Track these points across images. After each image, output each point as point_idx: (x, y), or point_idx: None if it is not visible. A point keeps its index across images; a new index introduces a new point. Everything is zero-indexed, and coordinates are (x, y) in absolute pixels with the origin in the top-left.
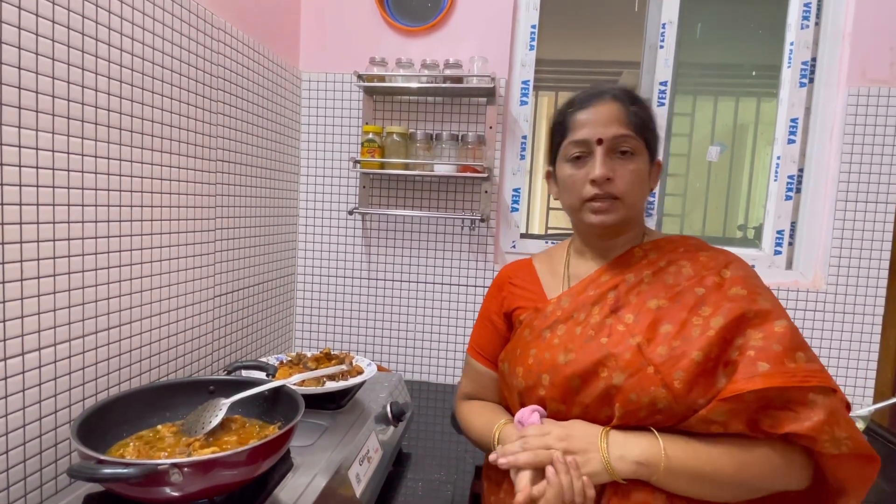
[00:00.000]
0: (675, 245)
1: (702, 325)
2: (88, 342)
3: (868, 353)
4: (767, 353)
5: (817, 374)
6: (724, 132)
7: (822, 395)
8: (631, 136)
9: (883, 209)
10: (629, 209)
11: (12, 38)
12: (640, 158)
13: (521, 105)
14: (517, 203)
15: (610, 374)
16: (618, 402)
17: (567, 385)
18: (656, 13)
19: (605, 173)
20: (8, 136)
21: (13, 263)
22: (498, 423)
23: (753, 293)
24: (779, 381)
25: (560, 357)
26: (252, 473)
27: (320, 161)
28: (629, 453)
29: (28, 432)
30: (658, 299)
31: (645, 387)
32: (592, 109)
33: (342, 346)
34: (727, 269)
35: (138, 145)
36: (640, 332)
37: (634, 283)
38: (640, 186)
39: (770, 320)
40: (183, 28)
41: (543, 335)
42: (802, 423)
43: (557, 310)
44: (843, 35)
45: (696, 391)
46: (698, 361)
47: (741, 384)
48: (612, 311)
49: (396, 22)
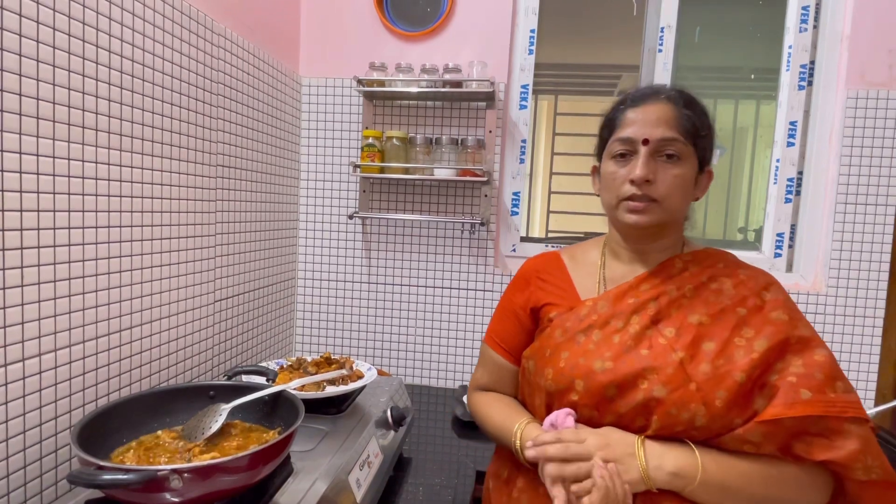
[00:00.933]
0: (715, 259)
1: (745, 347)
2: (89, 347)
3: (869, 356)
4: (809, 382)
5: (854, 406)
6: (723, 135)
7: (856, 425)
8: (678, 140)
9: (882, 211)
10: (667, 213)
11: (13, 46)
12: (686, 164)
13: (521, 109)
14: (517, 207)
15: (650, 386)
16: (656, 415)
17: (602, 393)
18: (655, 17)
19: (646, 174)
20: (9, 143)
21: (14, 269)
22: (520, 422)
23: (795, 319)
24: (819, 410)
25: (596, 364)
26: (252, 479)
27: (320, 166)
28: (666, 463)
29: (28, 438)
30: (699, 315)
31: (686, 403)
32: (643, 108)
33: (342, 350)
34: (767, 292)
35: (139, 151)
36: (682, 348)
37: (676, 297)
38: (681, 192)
39: (811, 348)
40: (183, 34)
41: (577, 339)
42: (838, 451)
43: (593, 314)
44: (841, 38)
45: (735, 411)
46: (741, 383)
47: (782, 409)
48: (653, 322)
49: (396, 27)
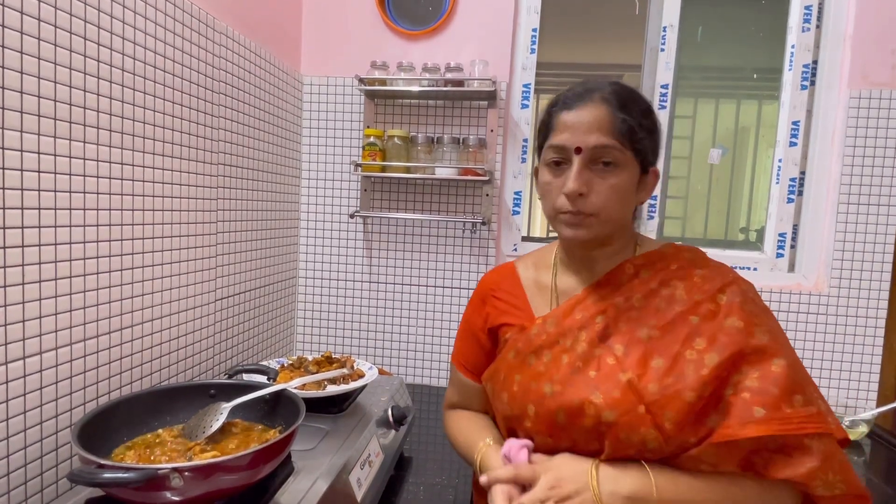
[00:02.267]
0: (668, 261)
1: (695, 362)
2: (90, 346)
3: (871, 357)
4: (763, 397)
5: (813, 419)
6: (725, 135)
7: (817, 440)
8: (614, 147)
9: (885, 211)
10: (605, 225)
11: (14, 43)
12: (624, 171)
13: (523, 108)
14: (518, 206)
15: (598, 411)
16: (607, 440)
17: (552, 419)
18: (657, 16)
19: (578, 188)
20: (10, 141)
21: (14, 267)
22: (479, 446)
23: (750, 325)
24: (774, 429)
25: (546, 388)
26: (253, 478)
27: (321, 164)
28: (620, 488)
29: (29, 436)
30: (649, 328)
31: (635, 426)
32: (577, 111)
33: (343, 349)
34: (723, 294)
35: (140, 149)
36: (631, 367)
37: (624, 308)
38: (618, 202)
39: (767, 358)
40: (185, 32)
41: (528, 361)
42: (796, 469)
43: (542, 333)
44: (844, 38)
45: (688, 430)
46: (691, 402)
47: (734, 430)
48: (601, 339)
49: (398, 26)
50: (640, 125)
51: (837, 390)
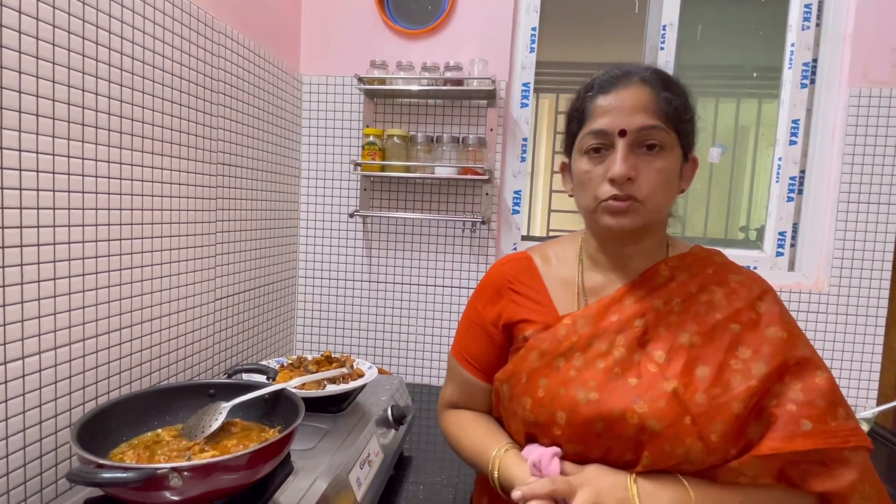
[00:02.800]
0: (704, 264)
1: (742, 371)
2: (88, 345)
3: (871, 355)
4: (811, 410)
5: (856, 434)
6: (725, 133)
7: (855, 453)
8: (660, 128)
9: (885, 210)
10: (652, 213)
11: (13, 43)
12: (671, 155)
13: (522, 107)
14: (518, 205)
15: (641, 421)
16: (647, 451)
17: (588, 428)
18: (657, 15)
19: (627, 171)
20: (8, 140)
21: (13, 267)
22: (497, 449)
23: (794, 336)
24: (821, 443)
25: (580, 394)
26: (252, 477)
27: (321, 164)
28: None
29: (28, 436)
30: (690, 334)
31: (681, 438)
32: (615, 94)
33: (343, 348)
34: (762, 303)
35: (139, 148)
36: (675, 376)
37: (664, 312)
38: (666, 188)
39: (811, 370)
40: (183, 32)
41: (556, 364)
42: (838, 481)
43: (573, 334)
44: (844, 36)
45: (731, 443)
46: (738, 414)
47: (781, 443)
48: (640, 344)
49: (397, 25)
50: (684, 106)
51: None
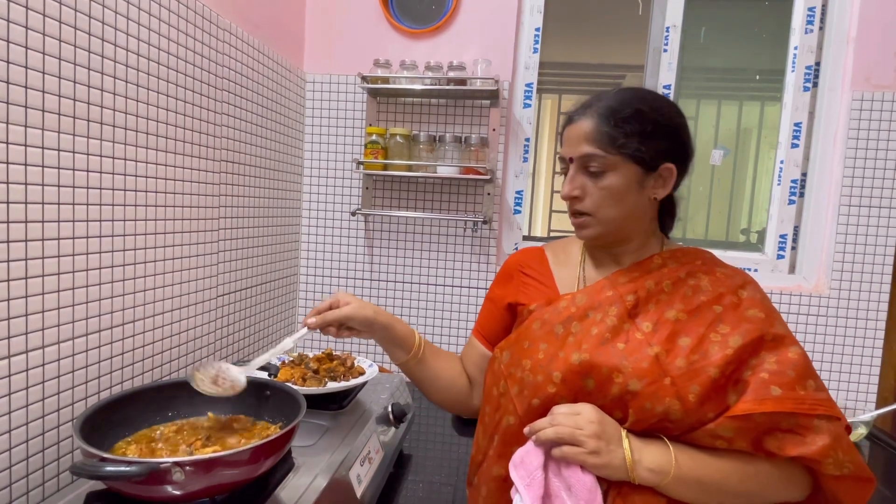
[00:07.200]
0: (693, 257)
1: (720, 343)
2: (92, 340)
3: (871, 359)
4: (781, 378)
5: (824, 403)
6: (727, 136)
7: (826, 421)
8: (598, 156)
9: (886, 214)
10: (604, 225)
11: (19, 38)
12: (616, 174)
13: (525, 107)
14: (520, 205)
15: (625, 380)
16: (631, 408)
17: (580, 385)
18: (660, 17)
19: (569, 192)
20: (14, 136)
21: (18, 262)
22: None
23: (770, 317)
24: (789, 407)
25: (574, 356)
26: (253, 473)
27: (323, 162)
28: (644, 458)
29: (31, 430)
30: (676, 311)
31: (660, 397)
32: (570, 127)
33: (344, 346)
34: (744, 290)
35: (143, 145)
36: (658, 343)
37: (654, 291)
38: (612, 203)
39: (785, 345)
40: (188, 29)
41: (556, 330)
42: (809, 447)
43: (572, 306)
44: (847, 40)
45: (708, 406)
46: (714, 378)
47: (752, 405)
48: (630, 316)
49: (401, 24)
50: (626, 133)
51: (836, 392)
